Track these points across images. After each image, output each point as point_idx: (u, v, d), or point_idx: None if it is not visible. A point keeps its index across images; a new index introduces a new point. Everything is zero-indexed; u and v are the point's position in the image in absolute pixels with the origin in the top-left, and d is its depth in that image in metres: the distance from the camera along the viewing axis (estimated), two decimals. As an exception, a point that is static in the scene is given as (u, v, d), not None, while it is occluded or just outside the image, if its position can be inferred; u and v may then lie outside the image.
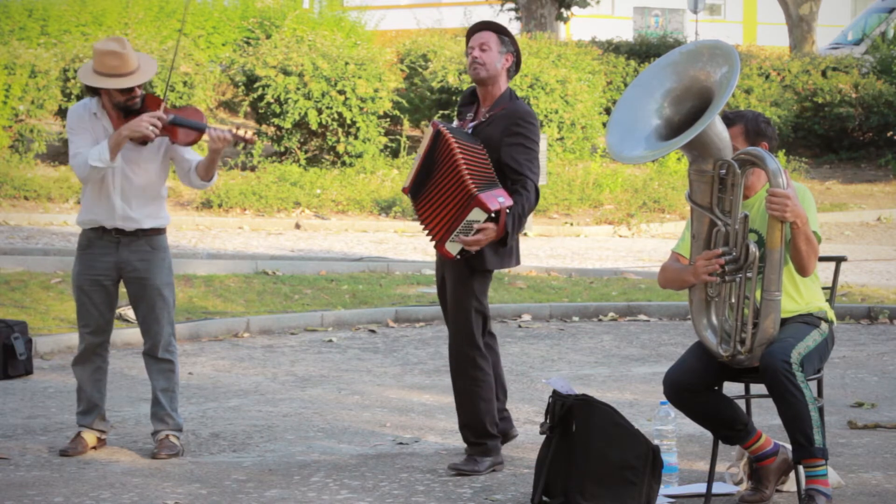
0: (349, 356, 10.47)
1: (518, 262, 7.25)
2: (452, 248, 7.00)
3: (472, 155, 6.98)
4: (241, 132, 7.46)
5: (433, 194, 7.05)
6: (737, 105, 21.91)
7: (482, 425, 7.17)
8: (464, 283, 7.13)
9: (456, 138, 6.97)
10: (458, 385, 7.23)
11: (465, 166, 6.91)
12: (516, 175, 7.02)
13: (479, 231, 6.92)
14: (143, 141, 7.35)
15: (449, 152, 6.96)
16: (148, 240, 7.50)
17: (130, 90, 7.33)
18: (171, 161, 7.55)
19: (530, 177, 7.02)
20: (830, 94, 23.18)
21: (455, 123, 7.26)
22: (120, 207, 7.43)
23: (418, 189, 7.12)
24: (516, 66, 7.20)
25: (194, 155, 7.54)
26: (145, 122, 7.28)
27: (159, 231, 7.55)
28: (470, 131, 7.13)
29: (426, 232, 7.12)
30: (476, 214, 6.91)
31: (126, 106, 7.37)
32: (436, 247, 7.07)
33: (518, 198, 6.98)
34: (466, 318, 7.13)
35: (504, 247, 7.05)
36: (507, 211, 6.93)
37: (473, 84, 7.28)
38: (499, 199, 6.93)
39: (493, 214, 6.91)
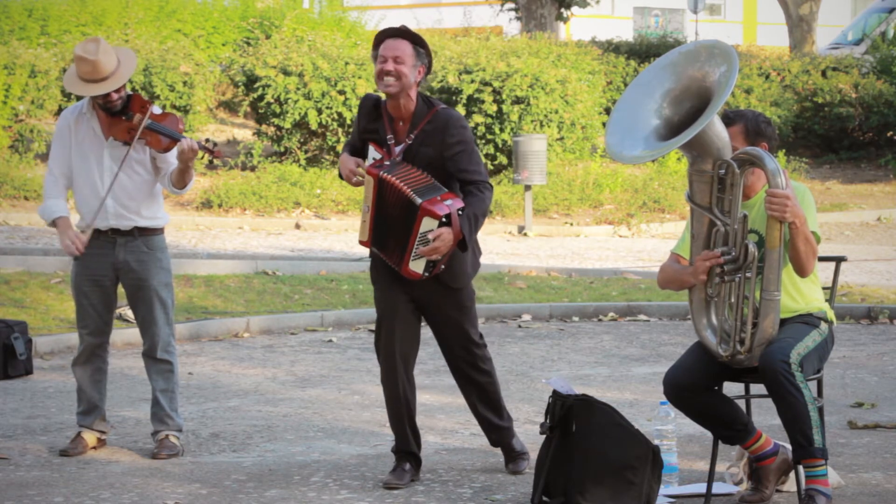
0: (349, 356, 10.47)
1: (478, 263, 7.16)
2: (417, 265, 6.81)
3: (408, 173, 6.82)
4: (208, 144, 7.45)
5: (391, 230, 6.84)
6: (737, 105, 21.90)
7: (504, 408, 7.22)
8: (459, 307, 7.04)
9: (396, 176, 6.78)
10: (470, 388, 7.20)
11: (401, 183, 6.75)
12: (468, 184, 6.86)
13: (435, 238, 6.73)
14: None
15: (394, 189, 6.77)
16: (144, 240, 7.50)
17: (105, 95, 7.34)
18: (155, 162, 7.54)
19: (481, 179, 6.87)
20: (830, 94, 23.17)
21: (372, 150, 6.93)
22: (112, 206, 7.44)
23: (380, 237, 6.89)
24: (425, 74, 6.96)
25: (175, 160, 7.52)
26: (67, 242, 7.37)
27: (156, 231, 7.54)
28: (400, 157, 6.87)
29: (390, 262, 6.89)
30: (427, 224, 6.73)
31: (106, 108, 7.39)
32: (401, 271, 6.84)
33: (471, 199, 6.82)
34: (471, 331, 7.11)
35: (465, 250, 6.84)
36: (459, 213, 6.76)
37: (374, 94, 7.04)
38: (446, 202, 6.76)
39: (443, 219, 6.73)
